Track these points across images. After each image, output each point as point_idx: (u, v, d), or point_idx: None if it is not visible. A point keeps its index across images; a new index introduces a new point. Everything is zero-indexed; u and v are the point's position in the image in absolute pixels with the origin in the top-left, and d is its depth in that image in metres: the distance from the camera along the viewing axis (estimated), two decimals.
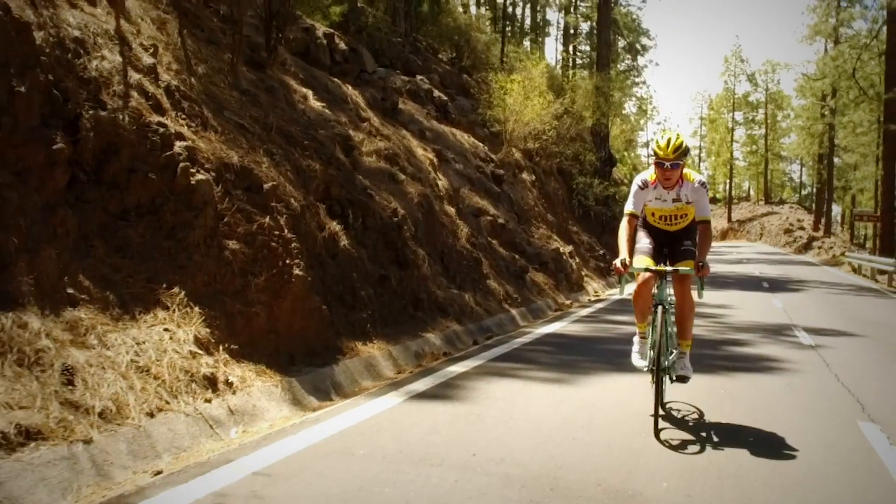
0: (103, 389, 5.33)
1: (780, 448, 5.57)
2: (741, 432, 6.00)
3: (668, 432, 5.90)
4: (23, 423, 4.61)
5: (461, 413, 6.25)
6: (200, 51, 9.82)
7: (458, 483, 4.45)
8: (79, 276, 6.17)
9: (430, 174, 14.82)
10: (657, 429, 5.67)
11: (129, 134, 7.08)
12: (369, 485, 4.39)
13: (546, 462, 4.89)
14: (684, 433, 5.92)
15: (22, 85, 6.19)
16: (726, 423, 6.25)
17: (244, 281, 7.25)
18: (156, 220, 7.07)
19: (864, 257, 35.04)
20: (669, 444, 5.54)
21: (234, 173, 7.77)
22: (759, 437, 5.87)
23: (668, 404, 6.69)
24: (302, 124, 10.67)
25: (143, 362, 5.84)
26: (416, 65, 24.56)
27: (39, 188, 6.23)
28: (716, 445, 5.56)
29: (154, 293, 6.63)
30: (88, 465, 4.75)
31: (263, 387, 6.69)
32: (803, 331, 12.56)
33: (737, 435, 5.89)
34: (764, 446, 5.58)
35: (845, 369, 9.01)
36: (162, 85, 7.92)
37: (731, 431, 6.01)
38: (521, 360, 8.98)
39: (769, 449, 5.51)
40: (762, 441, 5.75)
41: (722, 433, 5.93)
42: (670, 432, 5.93)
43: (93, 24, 7.62)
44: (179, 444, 5.45)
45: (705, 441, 5.69)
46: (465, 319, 11.78)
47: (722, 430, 6.05)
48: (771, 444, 5.67)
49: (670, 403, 6.80)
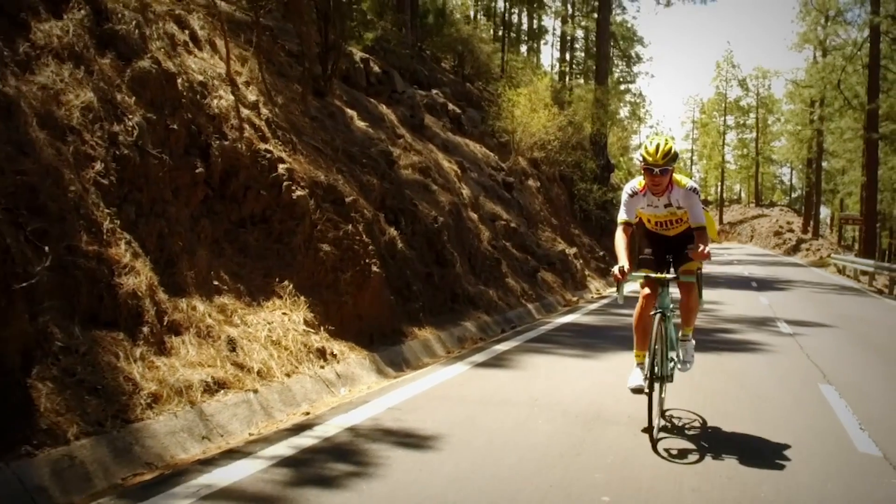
0: (255, 355, 7.18)
1: (759, 402, 7.45)
2: (729, 394, 7.88)
3: (666, 441, 5.83)
4: (213, 376, 6.45)
5: (516, 375, 8.18)
6: (276, 83, 11.65)
7: (530, 416, 6.34)
8: (219, 271, 8.02)
9: (455, 184, 16.70)
10: (654, 438, 5.60)
11: (245, 159, 8.93)
12: (469, 416, 6.27)
13: (589, 404, 6.79)
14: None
15: (173, 123, 8.06)
16: (718, 386, 8.11)
17: (335, 276, 9.10)
18: (267, 228, 8.93)
19: (848, 259, 37.05)
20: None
21: (322, 189, 9.62)
22: (743, 398, 7.75)
23: (667, 411, 6.60)
24: (358, 144, 12.52)
25: (275, 337, 7.69)
26: (422, 74, 26.36)
27: (187, 203, 8.09)
28: (712, 402, 7.42)
29: (270, 285, 8.48)
30: (259, 408, 6.59)
31: (356, 359, 8.55)
32: (784, 322, 14.44)
33: (726, 393, 7.76)
34: (745, 400, 7.46)
35: (815, 351, 10.91)
36: (263, 118, 9.79)
37: (721, 393, 7.88)
38: (550, 342, 10.89)
39: (750, 403, 7.39)
40: (746, 400, 7.63)
41: (714, 397, 7.79)
42: (670, 441, 5.84)
43: (209, 68, 9.47)
44: (310, 397, 7.31)
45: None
46: (492, 311, 13.63)
47: (714, 394, 7.91)
48: (751, 400, 7.55)
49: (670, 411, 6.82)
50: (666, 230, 6.31)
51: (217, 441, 5.77)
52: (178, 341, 6.58)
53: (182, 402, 5.87)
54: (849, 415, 6.91)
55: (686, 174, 6.20)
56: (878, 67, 36.97)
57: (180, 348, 6.53)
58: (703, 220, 5.97)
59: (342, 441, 5.45)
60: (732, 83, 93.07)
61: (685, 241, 6.19)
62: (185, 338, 6.69)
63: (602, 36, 36.12)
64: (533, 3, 55.27)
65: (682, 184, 5.99)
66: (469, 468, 4.91)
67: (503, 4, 52.11)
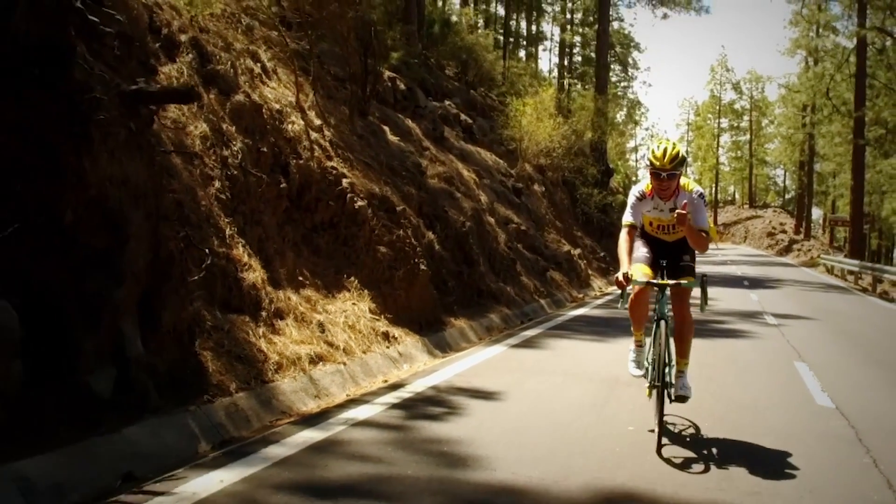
0: (339, 336, 8.91)
1: (744, 373, 9.21)
2: (718, 368, 9.64)
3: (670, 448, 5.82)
4: (313, 351, 8.19)
5: (546, 354, 9.98)
6: (327, 106, 13.38)
7: (564, 381, 8.13)
8: (302, 269, 9.75)
9: (474, 191, 18.45)
10: (660, 445, 5.63)
11: (316, 175, 10.67)
12: (517, 381, 8.06)
13: (609, 373, 8.56)
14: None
15: (263, 146, 9.81)
16: (710, 362, 9.86)
17: (390, 273, 10.83)
18: (334, 233, 10.66)
19: (836, 259, 38.91)
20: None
21: (377, 200, 11.37)
22: (731, 370, 9.50)
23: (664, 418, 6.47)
24: (395, 157, 14.26)
25: (350, 322, 9.43)
26: (430, 83, 28.04)
27: (274, 213, 9.82)
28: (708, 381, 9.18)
29: (340, 281, 10.22)
30: (348, 377, 8.32)
31: (411, 342, 10.30)
32: (771, 315, 16.21)
33: (716, 367, 9.52)
34: (732, 372, 9.22)
35: (795, 337, 12.68)
36: (327, 139, 11.54)
37: (712, 366, 9.63)
38: (568, 330, 12.68)
39: (737, 374, 9.15)
40: (734, 372, 9.39)
41: (706, 369, 9.54)
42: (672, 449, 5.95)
43: (281, 97, 11.21)
44: (382, 370, 9.04)
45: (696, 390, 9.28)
46: (511, 305, 15.37)
47: (706, 367, 9.66)
48: (738, 372, 9.31)
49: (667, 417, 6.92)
50: (667, 234, 6.25)
51: (325, 399, 7.51)
52: (283, 324, 8.33)
53: (296, 369, 7.62)
54: (814, 382, 8.69)
55: (693, 181, 6.04)
56: (864, 77, 38.83)
57: (286, 329, 8.27)
58: (706, 226, 5.91)
59: (430, 395, 7.23)
60: (727, 86, 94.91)
61: (682, 249, 6.23)
62: (287, 321, 8.43)
63: (602, 47, 37.92)
64: (532, 9, 57.14)
65: (689, 189, 5.94)
66: (528, 411, 6.69)
67: (503, 11, 53.78)
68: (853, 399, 7.87)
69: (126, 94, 5.42)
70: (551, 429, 6.17)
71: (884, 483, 5.13)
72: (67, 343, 5.13)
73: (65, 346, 5.12)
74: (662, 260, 6.26)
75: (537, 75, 52.97)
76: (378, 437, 5.72)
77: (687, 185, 5.96)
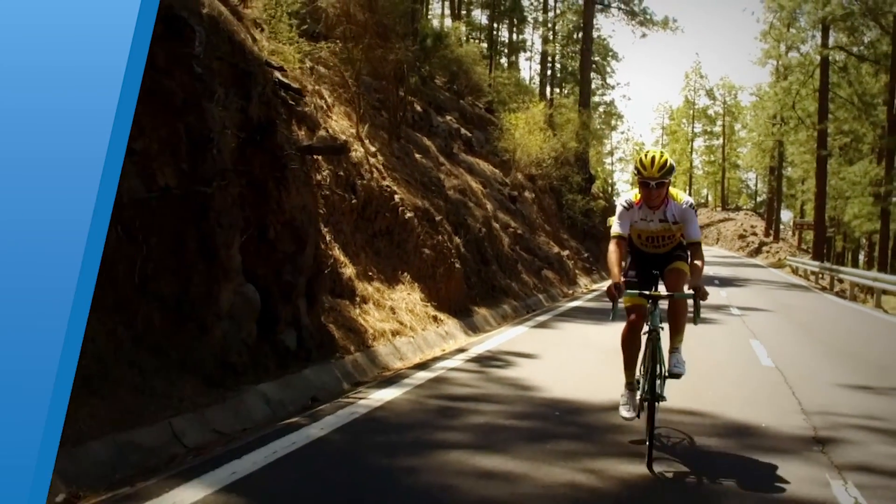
0: (404, 318, 11.73)
1: (709, 348, 12.12)
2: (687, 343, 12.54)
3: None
4: (391, 328, 11.01)
5: (561, 332, 12.91)
6: (370, 132, 16.19)
7: (580, 350, 11.05)
8: (370, 267, 12.56)
9: (482, 200, 21.32)
10: (650, 459, 5.44)
11: (375, 192, 13.48)
12: (545, 349, 10.91)
13: (611, 345, 11.30)
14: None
15: (340, 170, 12.61)
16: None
17: (433, 270, 13.66)
18: (390, 239, 13.47)
19: (800, 261, 42.19)
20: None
21: (420, 211, 14.20)
22: (698, 345, 12.39)
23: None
24: (424, 174, 17.10)
25: (409, 307, 12.24)
26: (423, 94, 30.81)
27: (348, 223, 12.61)
28: None
29: (396, 276, 13.04)
30: (416, 346, 11.14)
31: (452, 323, 13.13)
32: (736, 308, 19.15)
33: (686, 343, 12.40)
34: (700, 346, 12.12)
35: (753, 324, 15.62)
36: (380, 162, 14.36)
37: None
38: (571, 317, 15.60)
39: (704, 348, 12.06)
40: (702, 346, 12.29)
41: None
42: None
43: (343, 129, 14.01)
44: (437, 343, 11.86)
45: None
46: (517, 298, 18.23)
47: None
48: (705, 347, 12.21)
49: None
50: (657, 247, 6.15)
51: (405, 361, 10.31)
52: (368, 307, 11.14)
53: (384, 340, 10.44)
54: (763, 352, 11.60)
55: (682, 191, 5.93)
56: (826, 92, 42.21)
57: (371, 311, 11.08)
58: (698, 237, 5.85)
59: (488, 356, 10.11)
60: (700, 93, 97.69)
61: (673, 258, 6.17)
62: (369, 306, 11.25)
63: (585, 64, 40.92)
64: (514, 20, 59.94)
65: (678, 199, 5.84)
66: (559, 365, 9.59)
67: (487, 21, 56.48)
68: (788, 362, 10.77)
69: (302, 149, 8.24)
70: (578, 373, 9.05)
71: (797, 405, 7.99)
72: (272, 313, 7.94)
73: (271, 315, 7.93)
74: (654, 269, 6.23)
75: (520, 84, 55.84)
76: (468, 376, 8.59)
77: (676, 196, 5.86)
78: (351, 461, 5.28)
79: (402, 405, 7.10)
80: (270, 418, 6.83)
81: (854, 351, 12.77)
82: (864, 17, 39.74)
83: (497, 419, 6.71)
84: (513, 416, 6.83)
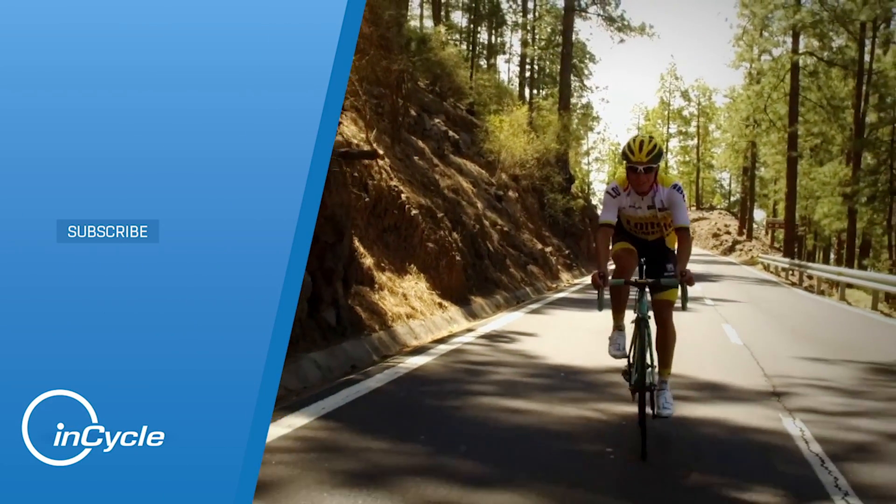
0: (415, 303, 13.12)
1: (686, 331, 13.58)
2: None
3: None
4: (405, 312, 12.39)
5: (552, 317, 14.33)
6: (376, 137, 17.55)
7: (572, 331, 12.48)
8: (381, 258, 13.94)
9: (473, 199, 22.74)
10: (644, 449, 5.42)
11: (384, 191, 14.85)
12: (542, 330, 12.33)
13: (599, 327, 12.84)
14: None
15: (355, 171, 13.97)
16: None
17: (437, 262, 15.05)
18: (398, 234, 14.85)
19: (771, 258, 43.96)
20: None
21: (424, 209, 15.59)
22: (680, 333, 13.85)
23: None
24: (422, 174, 18.49)
25: (418, 294, 13.64)
26: (415, 98, 32.16)
27: (361, 219, 13.99)
28: None
29: (405, 267, 14.42)
30: (427, 328, 12.53)
31: (455, 309, 14.53)
32: (710, 300, 20.69)
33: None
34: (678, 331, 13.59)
35: (726, 312, 17.14)
36: (387, 164, 15.74)
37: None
38: (559, 305, 17.06)
39: (680, 331, 13.52)
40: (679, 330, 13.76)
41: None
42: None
43: (355, 134, 15.37)
44: (443, 326, 13.25)
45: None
46: (508, 290, 19.66)
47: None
48: (681, 331, 13.66)
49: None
50: (646, 234, 6.03)
51: (420, 340, 11.69)
52: (384, 293, 12.52)
53: (401, 321, 11.83)
54: (734, 333, 13.09)
55: (671, 174, 5.16)
56: (797, 96, 44.04)
57: (387, 297, 12.46)
58: (687, 222, 5.70)
59: (495, 334, 11.55)
60: (676, 94, 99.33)
61: (663, 254, 6.11)
62: (385, 292, 12.63)
63: (565, 69, 42.40)
64: (493, 22, 61.32)
65: (666, 182, 5.71)
66: (557, 341, 11.02)
67: (468, 24, 57.85)
68: (756, 341, 12.25)
69: (340, 154, 9.62)
70: (575, 348, 10.49)
71: (761, 371, 9.44)
72: (316, 294, 9.31)
73: (315, 296, 9.30)
74: (642, 257, 6.11)
75: (501, 86, 57.26)
76: (482, 349, 10.03)
77: (664, 179, 5.72)
78: (409, 401, 6.73)
79: (434, 368, 8.53)
80: (322, 380, 8.19)
81: (815, 334, 14.30)
82: (833, 24, 41.67)
83: (514, 377, 8.18)
84: (526, 376, 8.29)
